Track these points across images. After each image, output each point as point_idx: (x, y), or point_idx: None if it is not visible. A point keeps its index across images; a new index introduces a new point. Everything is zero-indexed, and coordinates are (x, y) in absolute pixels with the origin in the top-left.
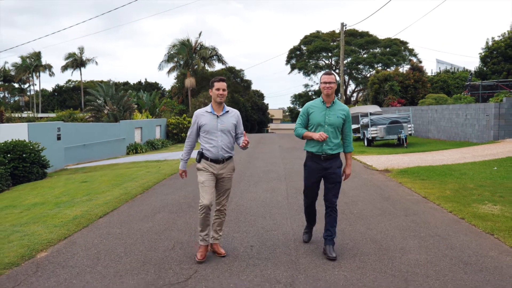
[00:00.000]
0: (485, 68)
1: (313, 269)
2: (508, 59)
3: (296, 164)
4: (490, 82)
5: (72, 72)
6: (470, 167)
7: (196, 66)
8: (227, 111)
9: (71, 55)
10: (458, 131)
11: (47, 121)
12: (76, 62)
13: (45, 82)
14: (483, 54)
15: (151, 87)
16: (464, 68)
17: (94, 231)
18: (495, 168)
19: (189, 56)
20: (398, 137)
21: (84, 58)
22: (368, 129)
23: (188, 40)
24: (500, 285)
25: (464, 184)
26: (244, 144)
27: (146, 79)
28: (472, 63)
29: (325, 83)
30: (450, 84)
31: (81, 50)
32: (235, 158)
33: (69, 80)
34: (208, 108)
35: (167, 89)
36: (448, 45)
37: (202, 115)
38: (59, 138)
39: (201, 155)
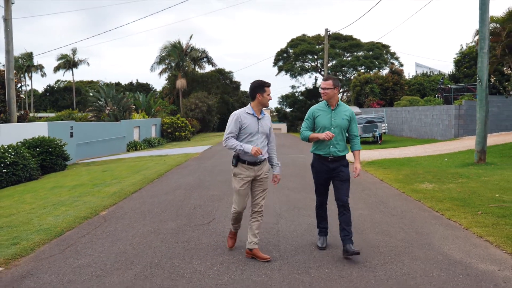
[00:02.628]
0: (458, 72)
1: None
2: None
3: (284, 159)
4: (460, 85)
5: (64, 73)
6: (426, 159)
7: (186, 68)
8: (264, 114)
9: (63, 56)
10: (426, 130)
11: (52, 121)
12: (68, 63)
13: (34, 82)
14: (456, 58)
15: (143, 88)
16: (439, 71)
17: (133, 200)
18: (446, 159)
19: (180, 58)
20: (373, 135)
21: (76, 59)
22: None
23: (179, 42)
24: (411, 225)
25: (416, 170)
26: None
27: (137, 80)
28: (448, 67)
29: (322, 88)
30: (426, 86)
31: (74, 51)
32: (226, 153)
33: (58, 80)
34: (249, 109)
35: (158, 89)
36: (427, 49)
37: (244, 116)
38: (72, 136)
39: (237, 159)
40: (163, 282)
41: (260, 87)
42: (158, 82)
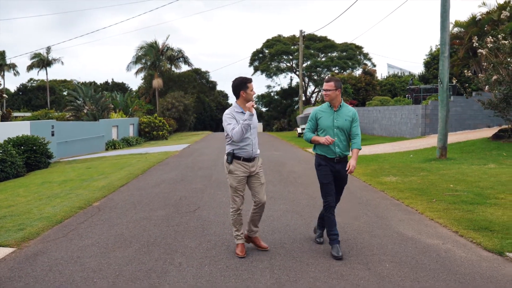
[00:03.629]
0: (427, 73)
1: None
2: None
3: (262, 156)
4: (428, 86)
5: (38, 72)
6: (393, 155)
7: (163, 68)
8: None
9: (37, 55)
10: (396, 129)
11: (29, 120)
12: (42, 62)
13: (6, 81)
14: (426, 60)
15: (119, 88)
16: (410, 72)
17: (122, 193)
18: (411, 156)
19: (156, 58)
20: None
21: (50, 58)
22: None
23: (155, 42)
24: (374, 211)
25: (383, 166)
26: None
27: (113, 79)
28: (418, 68)
29: (323, 90)
30: (397, 87)
31: (48, 50)
32: (205, 151)
33: (31, 79)
34: (237, 108)
35: (134, 89)
36: (399, 51)
37: (237, 114)
38: (53, 134)
39: (233, 156)
40: (160, 256)
41: (242, 84)
42: (135, 81)
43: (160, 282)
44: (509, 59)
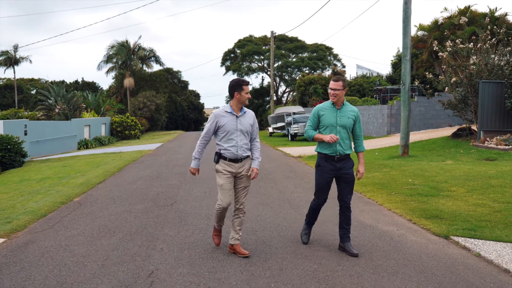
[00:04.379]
0: (394, 74)
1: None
2: (411, 66)
3: None
4: (395, 87)
5: (5, 70)
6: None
7: (134, 67)
8: (245, 112)
9: (4, 53)
10: (363, 128)
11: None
12: (9, 60)
13: None
14: (393, 61)
15: (89, 87)
16: (377, 73)
17: (100, 189)
18: (376, 153)
19: (127, 57)
20: None
21: (18, 56)
22: (291, 126)
23: (126, 42)
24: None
25: None
26: (253, 177)
27: (83, 78)
28: (386, 69)
29: (331, 89)
30: (365, 87)
31: (15, 48)
32: (178, 149)
33: None
34: (228, 108)
35: (105, 88)
36: (368, 52)
37: (222, 116)
38: (26, 134)
39: (219, 156)
40: (143, 243)
41: (238, 85)
42: (105, 80)
43: (145, 264)
44: (466, 63)
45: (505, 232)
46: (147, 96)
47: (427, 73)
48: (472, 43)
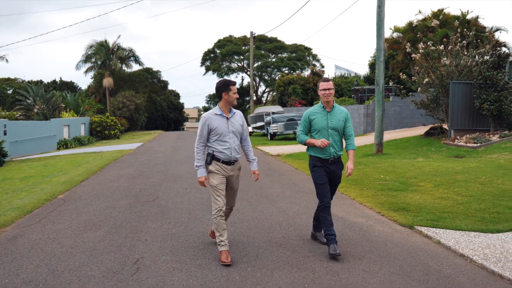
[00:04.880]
0: (371, 74)
1: None
2: (387, 67)
3: None
4: (372, 87)
5: None
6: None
7: (113, 67)
8: (234, 113)
9: None
10: None
11: None
12: None
13: None
14: (371, 61)
15: (67, 87)
16: (355, 73)
17: (83, 187)
18: None
19: (106, 57)
20: (294, 132)
21: None
22: (271, 125)
23: (105, 41)
24: (313, 198)
25: None
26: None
27: (61, 78)
28: (364, 69)
29: (324, 89)
30: (343, 87)
31: None
32: (159, 149)
33: None
34: (217, 110)
35: (84, 88)
36: (346, 53)
37: (212, 118)
38: (5, 133)
39: (212, 157)
40: (128, 235)
41: (225, 86)
42: (84, 80)
43: (130, 253)
44: (437, 64)
45: (465, 222)
46: (127, 96)
47: (401, 74)
48: (443, 45)
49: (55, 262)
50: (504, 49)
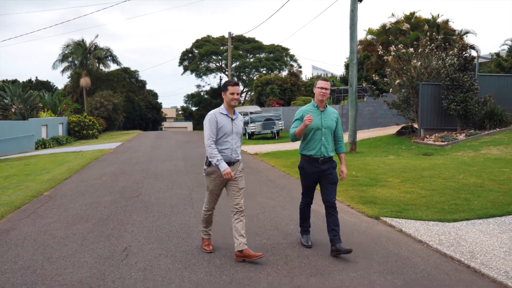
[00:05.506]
0: (347, 75)
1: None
2: (362, 68)
3: (191, 151)
4: (348, 87)
5: None
6: None
7: (91, 66)
8: (237, 115)
9: None
10: None
11: None
12: None
13: None
14: (346, 62)
15: (43, 86)
16: (332, 74)
17: (67, 184)
18: None
19: (84, 56)
20: (271, 131)
21: None
22: (249, 125)
23: (83, 41)
24: (287, 193)
25: (299, 159)
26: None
27: (37, 77)
28: (340, 70)
29: (321, 88)
30: None
31: None
32: (139, 148)
33: None
34: (223, 110)
35: (60, 87)
36: (323, 53)
37: (219, 115)
38: None
39: None
40: (115, 226)
41: (224, 86)
42: (61, 80)
43: (119, 242)
44: (408, 66)
45: (425, 213)
46: (104, 95)
47: (373, 75)
48: (413, 48)
49: (49, 251)
50: (472, 51)
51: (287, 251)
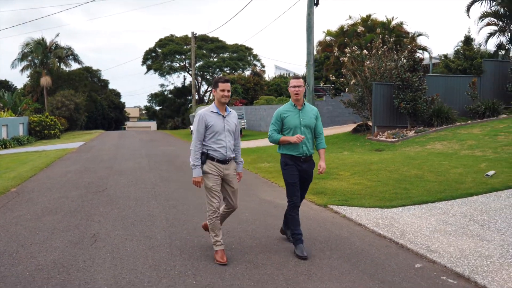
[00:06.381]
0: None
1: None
2: (322, 68)
3: (154, 150)
4: None
5: None
6: (272, 147)
7: (52, 65)
8: (230, 112)
9: None
10: None
11: None
12: None
13: None
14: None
15: (2, 85)
16: (294, 73)
17: (33, 182)
18: None
19: (44, 55)
20: None
21: None
22: None
23: (43, 39)
24: (247, 186)
25: (261, 155)
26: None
27: None
28: (302, 69)
29: (294, 86)
30: (283, 87)
31: None
32: (102, 147)
33: None
34: (213, 108)
35: (19, 87)
36: (286, 53)
37: (208, 115)
38: None
39: (207, 156)
40: (83, 217)
41: (214, 83)
42: (20, 79)
43: (87, 230)
44: (362, 67)
45: (368, 201)
46: (66, 95)
47: (330, 75)
48: (367, 50)
49: (22, 239)
50: (425, 53)
51: (241, 234)
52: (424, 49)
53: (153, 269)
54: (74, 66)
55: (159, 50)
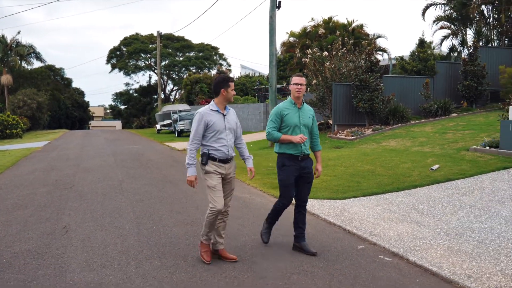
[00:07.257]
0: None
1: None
2: (285, 68)
3: (120, 148)
4: None
5: None
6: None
7: (13, 63)
8: (229, 110)
9: None
10: (244, 124)
11: None
12: None
13: None
14: None
15: None
16: (259, 73)
17: (1, 180)
18: (251, 145)
19: (4, 53)
20: None
21: None
22: (178, 123)
23: (3, 37)
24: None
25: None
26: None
27: None
28: (267, 69)
29: (296, 84)
30: (248, 86)
31: None
32: (67, 146)
33: None
34: (213, 106)
35: None
36: (252, 53)
37: (209, 114)
38: None
39: (208, 156)
40: (53, 211)
41: (224, 82)
42: None
43: (58, 222)
44: (322, 68)
45: (322, 194)
46: (28, 94)
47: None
48: (327, 52)
49: None
50: (384, 54)
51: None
52: (384, 50)
53: (122, 254)
54: (36, 64)
55: (124, 49)
